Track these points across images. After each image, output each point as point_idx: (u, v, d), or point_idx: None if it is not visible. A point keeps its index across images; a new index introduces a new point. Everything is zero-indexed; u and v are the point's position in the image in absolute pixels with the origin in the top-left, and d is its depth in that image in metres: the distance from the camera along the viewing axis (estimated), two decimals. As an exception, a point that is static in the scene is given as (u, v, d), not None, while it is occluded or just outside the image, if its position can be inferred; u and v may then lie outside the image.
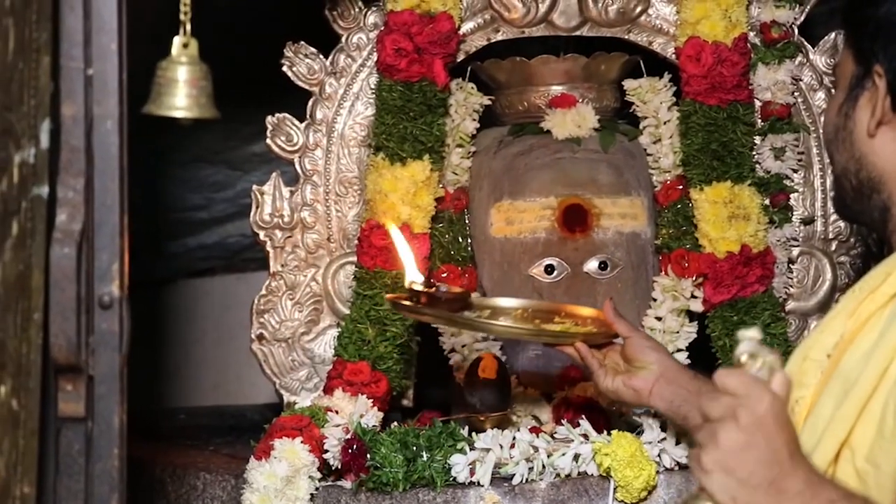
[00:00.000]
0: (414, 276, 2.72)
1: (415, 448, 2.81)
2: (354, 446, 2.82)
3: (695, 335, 3.24)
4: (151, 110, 2.06)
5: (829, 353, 2.05)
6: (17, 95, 1.86)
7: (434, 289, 2.69)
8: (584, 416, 2.92)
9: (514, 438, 2.84)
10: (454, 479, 2.80)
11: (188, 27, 2.06)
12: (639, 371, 2.67)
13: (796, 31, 3.34)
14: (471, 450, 2.82)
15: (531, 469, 2.82)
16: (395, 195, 3.17)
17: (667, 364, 2.67)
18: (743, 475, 1.72)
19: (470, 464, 2.80)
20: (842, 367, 1.99)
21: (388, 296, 2.88)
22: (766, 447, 1.72)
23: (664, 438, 2.84)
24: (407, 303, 2.70)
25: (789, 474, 1.73)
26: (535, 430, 2.91)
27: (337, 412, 2.94)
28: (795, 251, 3.35)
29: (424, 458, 2.81)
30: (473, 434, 2.88)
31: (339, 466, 2.84)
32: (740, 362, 1.74)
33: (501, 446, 2.82)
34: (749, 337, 1.74)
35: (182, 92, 2.06)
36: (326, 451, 2.84)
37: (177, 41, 2.06)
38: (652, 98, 3.33)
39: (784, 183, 3.32)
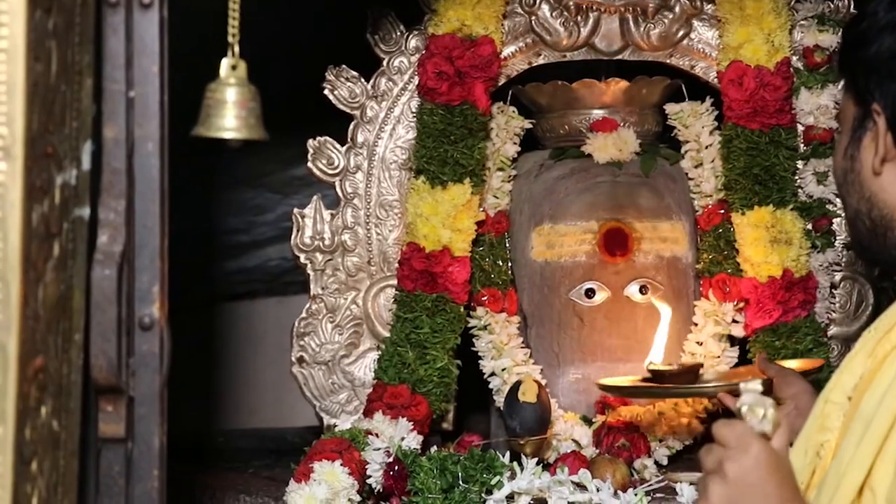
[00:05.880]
0: (655, 358, 3.05)
1: (453, 475, 2.79)
2: (396, 468, 2.81)
3: (736, 360, 3.23)
4: (201, 132, 2.05)
5: (849, 395, 2.05)
6: (59, 117, 1.86)
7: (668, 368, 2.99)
8: (624, 439, 2.91)
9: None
10: (493, 507, 2.79)
11: (237, 49, 2.05)
12: (779, 408, 2.76)
13: (839, 55, 3.32)
14: (509, 480, 2.80)
15: (570, 500, 2.80)
16: (435, 218, 3.17)
17: (801, 397, 2.75)
18: None
19: (508, 495, 2.79)
20: (862, 409, 1.98)
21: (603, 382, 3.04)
22: (752, 498, 1.77)
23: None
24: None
25: None
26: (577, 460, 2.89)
27: (377, 435, 2.93)
28: (838, 276, 3.33)
29: (462, 488, 2.79)
30: (514, 464, 2.85)
31: (381, 490, 2.83)
32: (741, 414, 1.79)
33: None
34: (750, 389, 1.80)
35: (231, 113, 2.05)
36: (369, 476, 2.83)
37: (225, 63, 2.05)
38: (693, 122, 3.32)
39: (826, 208, 3.30)
